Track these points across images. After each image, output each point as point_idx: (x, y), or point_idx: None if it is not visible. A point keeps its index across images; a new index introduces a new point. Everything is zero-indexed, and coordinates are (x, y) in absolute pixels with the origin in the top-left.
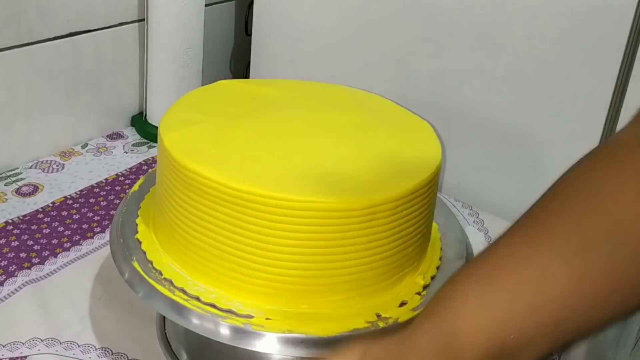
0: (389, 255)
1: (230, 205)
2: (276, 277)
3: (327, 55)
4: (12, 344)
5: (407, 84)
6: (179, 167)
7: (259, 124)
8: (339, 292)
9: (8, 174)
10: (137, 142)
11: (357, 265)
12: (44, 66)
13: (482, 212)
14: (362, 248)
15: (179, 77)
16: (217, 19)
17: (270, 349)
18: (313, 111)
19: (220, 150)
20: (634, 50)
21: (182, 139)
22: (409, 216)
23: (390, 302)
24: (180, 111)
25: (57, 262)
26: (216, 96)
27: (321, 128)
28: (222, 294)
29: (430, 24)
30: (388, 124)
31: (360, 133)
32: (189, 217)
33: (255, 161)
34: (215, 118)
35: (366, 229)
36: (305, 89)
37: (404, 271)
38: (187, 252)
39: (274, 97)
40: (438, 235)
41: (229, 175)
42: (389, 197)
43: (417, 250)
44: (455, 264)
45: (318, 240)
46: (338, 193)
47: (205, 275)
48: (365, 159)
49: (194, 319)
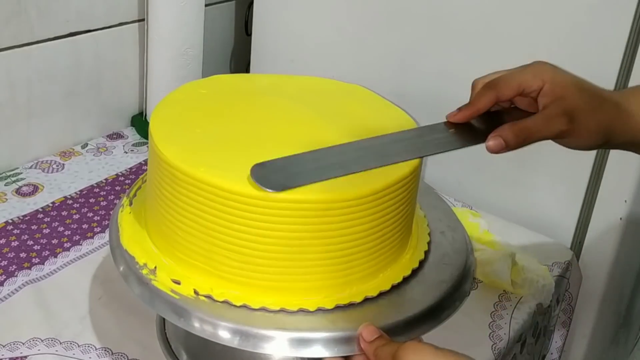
0: (370, 247)
1: (215, 201)
2: (265, 269)
3: (327, 55)
4: (12, 344)
5: (406, 84)
6: (164, 163)
7: (245, 118)
8: (325, 285)
9: (8, 174)
10: (137, 142)
11: (342, 256)
12: (44, 66)
13: (482, 212)
14: (346, 240)
15: (179, 77)
16: (217, 19)
17: (271, 350)
18: (300, 105)
19: (204, 146)
20: (634, 50)
21: (170, 133)
22: (389, 209)
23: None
24: (169, 106)
25: (57, 262)
26: (206, 90)
27: (306, 122)
28: (215, 287)
29: (430, 24)
30: (374, 118)
31: (346, 126)
32: (177, 210)
33: (239, 157)
34: (202, 113)
35: (348, 220)
36: (297, 83)
37: (388, 259)
38: (177, 247)
39: (262, 91)
40: (425, 221)
41: (211, 172)
42: (368, 191)
43: (400, 239)
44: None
45: (302, 232)
46: (320, 189)
47: (196, 268)
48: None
49: (194, 321)
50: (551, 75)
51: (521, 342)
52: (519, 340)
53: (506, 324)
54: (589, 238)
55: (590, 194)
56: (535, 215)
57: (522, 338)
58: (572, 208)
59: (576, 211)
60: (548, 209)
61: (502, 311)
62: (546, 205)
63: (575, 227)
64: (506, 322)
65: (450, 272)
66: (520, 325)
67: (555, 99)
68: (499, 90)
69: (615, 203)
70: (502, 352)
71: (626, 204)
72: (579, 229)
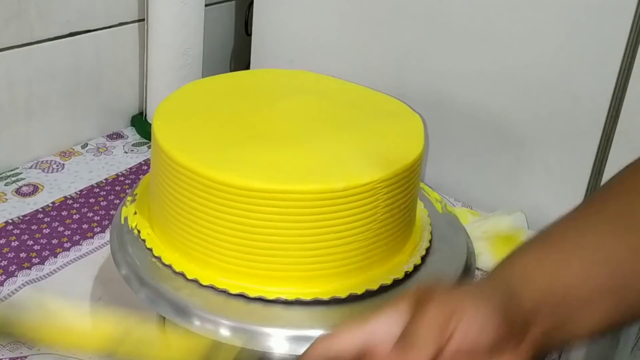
0: (368, 237)
1: (220, 196)
2: (269, 259)
3: (327, 55)
4: (12, 344)
5: (407, 83)
6: (167, 158)
7: (248, 115)
8: (332, 274)
9: (8, 174)
10: (137, 142)
11: (346, 244)
12: (44, 66)
13: (482, 212)
14: (343, 229)
15: (179, 77)
16: (217, 19)
17: (271, 348)
18: (304, 101)
19: (207, 143)
20: (634, 50)
21: (172, 130)
22: (389, 200)
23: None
24: (173, 104)
25: (57, 262)
26: (209, 89)
27: (310, 118)
28: (219, 279)
29: (430, 24)
30: (376, 113)
31: (348, 123)
32: (180, 206)
33: (241, 152)
34: (205, 110)
35: (347, 210)
36: (300, 79)
37: (387, 253)
38: (183, 241)
39: (266, 88)
40: (428, 220)
41: (214, 167)
42: (368, 181)
43: (401, 232)
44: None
45: (305, 223)
46: (320, 180)
47: (202, 262)
48: (351, 147)
49: (195, 320)
50: None
51: None
52: None
53: None
54: None
55: (590, 194)
56: (535, 215)
57: None
58: (572, 208)
59: None
60: (548, 209)
61: None
62: (546, 205)
63: None
64: None
65: (452, 270)
66: None
67: None
68: None
69: None
70: None
71: None
72: None
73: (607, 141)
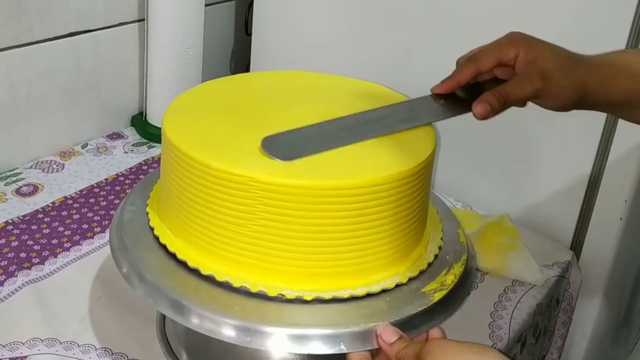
0: (385, 236)
1: (243, 192)
2: (284, 254)
3: (327, 55)
4: (12, 344)
5: (407, 83)
6: (181, 155)
7: (260, 115)
8: (346, 271)
9: (8, 174)
10: (137, 142)
11: (360, 243)
12: (44, 66)
13: (482, 212)
14: (358, 227)
15: (179, 77)
16: (217, 19)
17: (271, 346)
18: (313, 101)
19: (221, 139)
20: None
21: (184, 128)
22: (406, 198)
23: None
24: (183, 104)
25: (57, 262)
26: (219, 89)
27: (322, 116)
28: (235, 274)
29: (430, 24)
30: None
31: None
32: (195, 200)
33: (252, 147)
34: (216, 111)
35: (363, 209)
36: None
37: (401, 251)
38: (197, 234)
39: (277, 90)
40: (438, 217)
41: (231, 162)
42: (381, 179)
43: (415, 231)
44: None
45: (322, 219)
46: (331, 176)
47: (215, 255)
48: (362, 146)
49: (193, 318)
50: (525, 42)
51: (521, 342)
52: (519, 341)
53: (506, 324)
54: (588, 238)
55: (590, 194)
56: (535, 215)
57: (522, 338)
58: (572, 208)
59: (576, 211)
60: (548, 209)
61: (502, 311)
62: (546, 205)
63: (575, 227)
64: (506, 322)
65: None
66: (521, 325)
67: (528, 63)
68: (479, 62)
69: (615, 203)
70: (502, 352)
71: (626, 204)
72: (578, 229)
73: (607, 141)
